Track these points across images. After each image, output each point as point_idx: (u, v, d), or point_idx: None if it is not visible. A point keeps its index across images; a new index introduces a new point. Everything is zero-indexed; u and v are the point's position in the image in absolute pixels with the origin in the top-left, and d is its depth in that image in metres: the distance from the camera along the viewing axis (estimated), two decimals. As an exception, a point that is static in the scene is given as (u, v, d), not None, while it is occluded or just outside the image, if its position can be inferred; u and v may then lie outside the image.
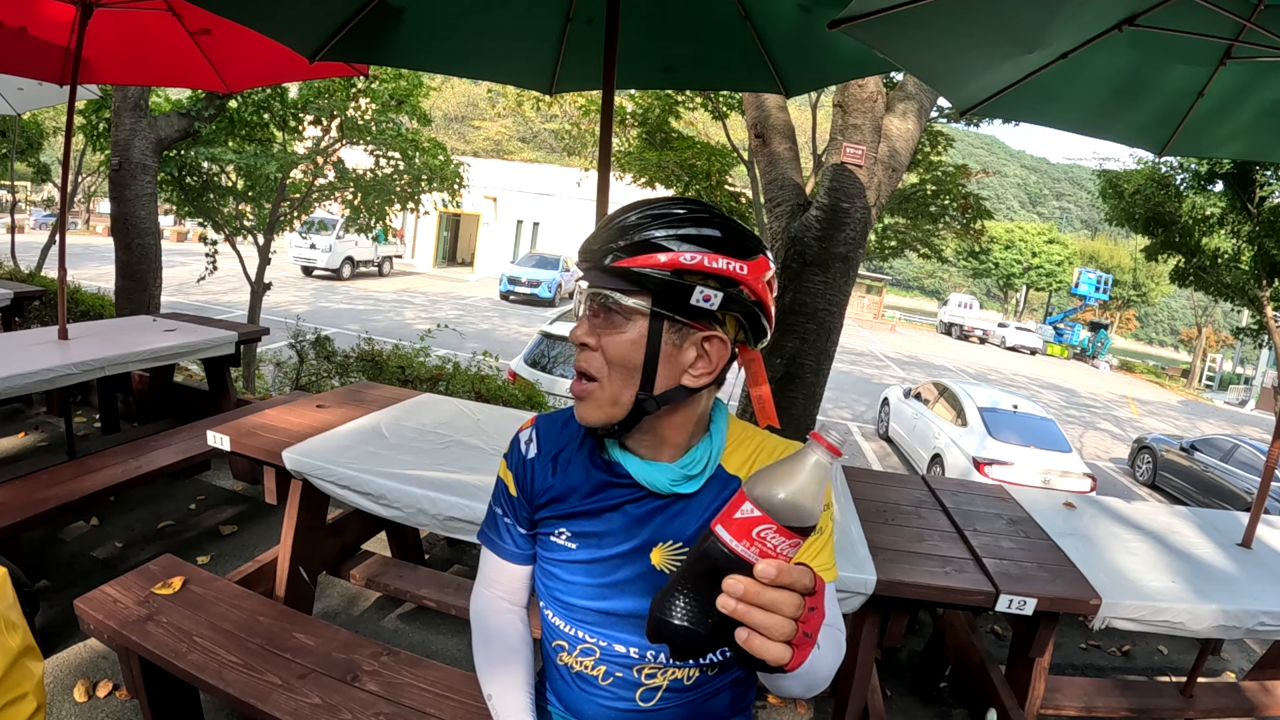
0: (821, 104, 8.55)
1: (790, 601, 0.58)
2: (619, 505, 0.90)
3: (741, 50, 2.29)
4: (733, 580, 0.57)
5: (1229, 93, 1.96)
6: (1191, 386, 27.53)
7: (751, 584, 0.57)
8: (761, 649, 0.57)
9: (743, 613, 0.57)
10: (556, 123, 17.23)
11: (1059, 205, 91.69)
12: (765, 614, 0.57)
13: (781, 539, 0.57)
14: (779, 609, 0.57)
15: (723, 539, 0.58)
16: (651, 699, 0.93)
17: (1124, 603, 1.76)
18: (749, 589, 0.57)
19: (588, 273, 0.84)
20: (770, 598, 0.57)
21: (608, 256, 0.81)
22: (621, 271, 0.80)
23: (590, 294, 0.84)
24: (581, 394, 0.85)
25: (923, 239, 11.77)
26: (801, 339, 3.43)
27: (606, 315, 0.82)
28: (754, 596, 0.57)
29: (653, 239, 0.79)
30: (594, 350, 0.83)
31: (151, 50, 3.10)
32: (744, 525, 0.57)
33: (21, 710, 0.99)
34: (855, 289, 12.43)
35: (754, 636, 0.57)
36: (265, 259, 6.29)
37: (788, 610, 0.57)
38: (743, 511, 0.58)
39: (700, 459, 0.88)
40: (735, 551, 0.57)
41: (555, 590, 0.96)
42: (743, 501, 0.58)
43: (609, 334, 0.82)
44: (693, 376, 0.83)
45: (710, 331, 0.82)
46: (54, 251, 8.46)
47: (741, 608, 0.57)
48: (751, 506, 0.57)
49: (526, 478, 0.96)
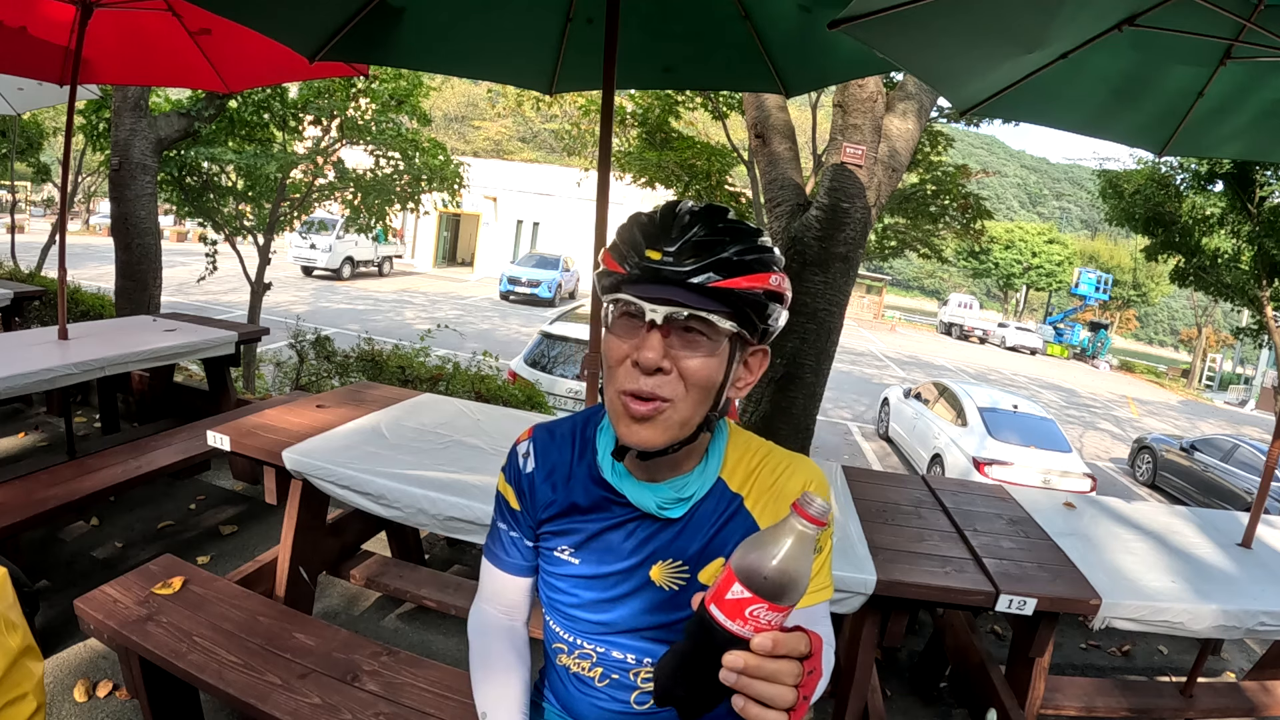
0: (821, 104, 8.55)
1: (790, 671, 0.59)
2: (620, 524, 0.90)
3: (741, 50, 2.29)
4: (732, 656, 0.58)
5: (1229, 93, 1.96)
6: (1191, 386, 27.53)
7: (751, 658, 0.58)
8: (760, 716, 0.58)
9: (744, 685, 0.58)
10: (556, 123, 17.24)
11: (1059, 205, 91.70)
12: (766, 685, 0.58)
13: (774, 614, 0.58)
14: (779, 679, 0.58)
15: (717, 619, 0.59)
16: (646, 702, 0.94)
17: (1124, 603, 1.76)
18: (749, 663, 0.58)
19: (664, 290, 0.76)
20: (771, 669, 0.58)
21: (700, 275, 0.74)
22: (721, 293, 0.75)
23: (671, 314, 0.75)
24: (649, 414, 0.78)
25: (923, 239, 11.78)
26: (801, 339, 3.43)
27: (685, 336, 0.77)
28: (754, 670, 0.58)
29: (753, 260, 0.75)
30: (668, 373, 0.77)
31: (151, 50, 3.10)
32: (736, 606, 0.58)
33: (21, 710, 0.99)
34: (855, 289, 12.45)
35: (750, 705, 0.58)
36: (265, 259, 6.29)
37: (788, 680, 0.58)
38: (733, 593, 0.58)
39: (693, 482, 0.87)
40: (730, 630, 0.59)
41: (557, 601, 0.96)
42: (732, 582, 0.59)
43: (691, 356, 0.77)
44: (736, 389, 0.84)
45: (759, 346, 0.83)
46: (54, 251, 8.46)
47: (743, 680, 0.58)
48: (741, 587, 0.58)
49: (527, 493, 0.96)
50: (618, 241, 0.82)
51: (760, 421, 3.52)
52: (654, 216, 0.80)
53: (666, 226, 0.77)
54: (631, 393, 0.78)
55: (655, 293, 0.76)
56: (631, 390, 0.78)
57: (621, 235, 0.82)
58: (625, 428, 0.80)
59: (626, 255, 0.79)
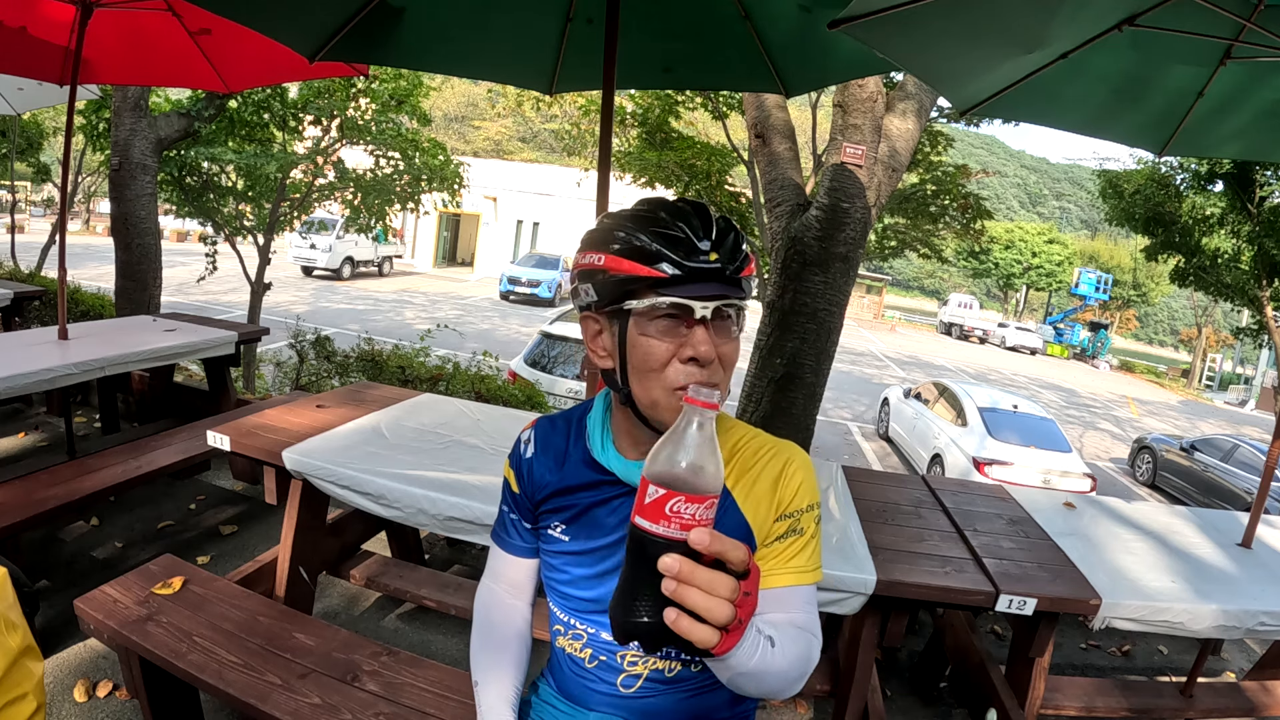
0: (821, 104, 8.54)
1: (725, 584, 0.58)
2: (608, 500, 0.94)
3: (741, 50, 2.29)
4: (668, 558, 0.58)
5: (1229, 93, 1.95)
6: (1191, 386, 27.53)
7: (686, 562, 0.58)
8: (689, 630, 0.58)
9: (680, 594, 0.58)
10: (556, 123, 17.23)
11: (1059, 205, 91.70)
12: (701, 594, 0.58)
13: (695, 505, 0.58)
14: (714, 589, 0.58)
15: (643, 527, 0.59)
16: (632, 686, 0.96)
17: (1124, 603, 1.76)
18: (684, 567, 0.58)
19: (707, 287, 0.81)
20: (705, 578, 0.58)
21: (737, 269, 0.82)
22: (744, 281, 0.84)
23: (721, 307, 0.81)
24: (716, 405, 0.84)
25: (923, 239, 11.75)
26: (801, 339, 3.43)
27: (720, 325, 0.82)
28: (688, 576, 0.58)
29: (748, 247, 0.84)
30: (714, 361, 0.82)
31: (151, 50, 3.10)
32: (656, 507, 0.59)
33: (21, 710, 0.99)
34: (855, 289, 12.43)
35: (682, 617, 0.58)
36: (265, 259, 6.29)
37: (723, 592, 0.58)
38: (649, 495, 0.59)
39: None
40: (659, 535, 0.59)
41: (553, 580, 1.01)
42: (646, 486, 0.59)
43: (729, 342, 0.83)
44: None
45: None
46: (54, 251, 8.46)
47: (680, 589, 0.58)
48: (655, 488, 0.59)
49: (526, 475, 1.01)
50: (630, 245, 0.80)
51: (760, 421, 3.52)
52: (660, 217, 0.80)
53: (685, 225, 0.80)
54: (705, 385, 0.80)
55: (701, 290, 0.80)
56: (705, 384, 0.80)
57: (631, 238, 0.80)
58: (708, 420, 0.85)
59: (657, 257, 0.79)
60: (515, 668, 1.04)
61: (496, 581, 1.09)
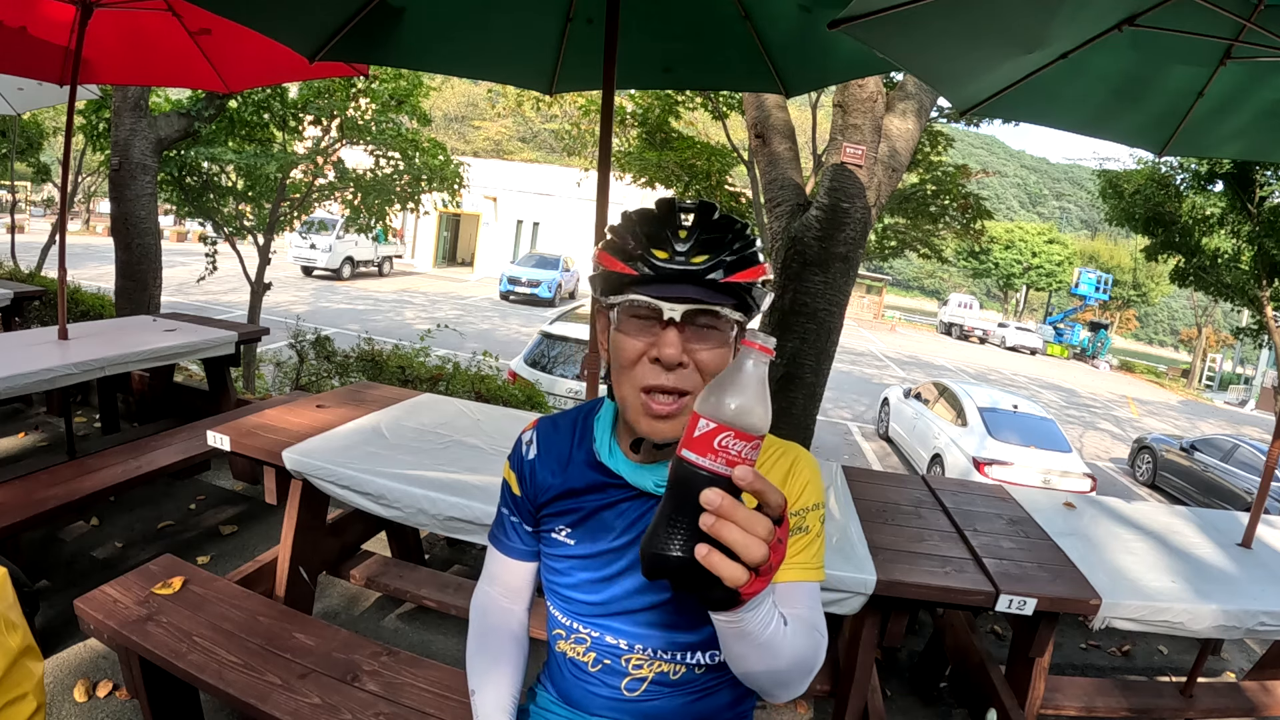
0: (821, 104, 8.54)
1: (763, 524, 0.58)
2: (614, 504, 0.93)
3: (741, 50, 2.29)
4: (710, 492, 0.58)
5: (1229, 93, 1.96)
6: (1191, 386, 27.53)
7: (728, 497, 0.58)
8: (719, 565, 0.57)
9: (718, 529, 0.57)
10: (556, 123, 17.23)
11: (1059, 205, 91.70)
12: (739, 531, 0.57)
13: (742, 443, 0.60)
14: (752, 528, 0.58)
15: (690, 460, 0.60)
16: (636, 689, 0.95)
17: (1124, 603, 1.76)
18: (725, 502, 0.58)
19: (680, 289, 0.79)
20: (744, 515, 0.58)
21: (714, 272, 0.79)
22: (730, 287, 0.80)
23: (691, 311, 0.79)
24: (675, 412, 0.82)
25: (923, 239, 11.77)
26: (801, 339, 3.43)
27: (699, 330, 0.81)
28: (729, 511, 0.58)
29: (752, 253, 0.81)
30: (686, 367, 0.81)
31: (151, 50, 3.10)
32: (705, 440, 0.60)
33: (21, 710, 0.99)
34: (855, 289, 12.44)
35: (714, 553, 0.58)
36: (265, 259, 6.29)
37: (760, 531, 0.58)
38: (700, 428, 0.60)
39: None
40: (705, 468, 0.60)
41: (555, 584, 0.99)
42: (698, 420, 0.60)
43: (707, 349, 0.81)
44: None
45: None
46: (54, 251, 8.46)
47: (718, 523, 0.58)
48: (707, 421, 0.60)
49: (528, 477, 0.99)
50: (619, 242, 0.83)
51: (760, 421, 3.51)
52: (655, 215, 0.82)
53: (672, 225, 0.80)
54: (654, 388, 0.82)
55: (672, 292, 0.79)
56: (654, 385, 0.81)
57: (623, 235, 0.83)
58: (648, 423, 0.83)
59: (634, 255, 0.81)
60: (512, 675, 1.01)
61: (493, 585, 1.07)
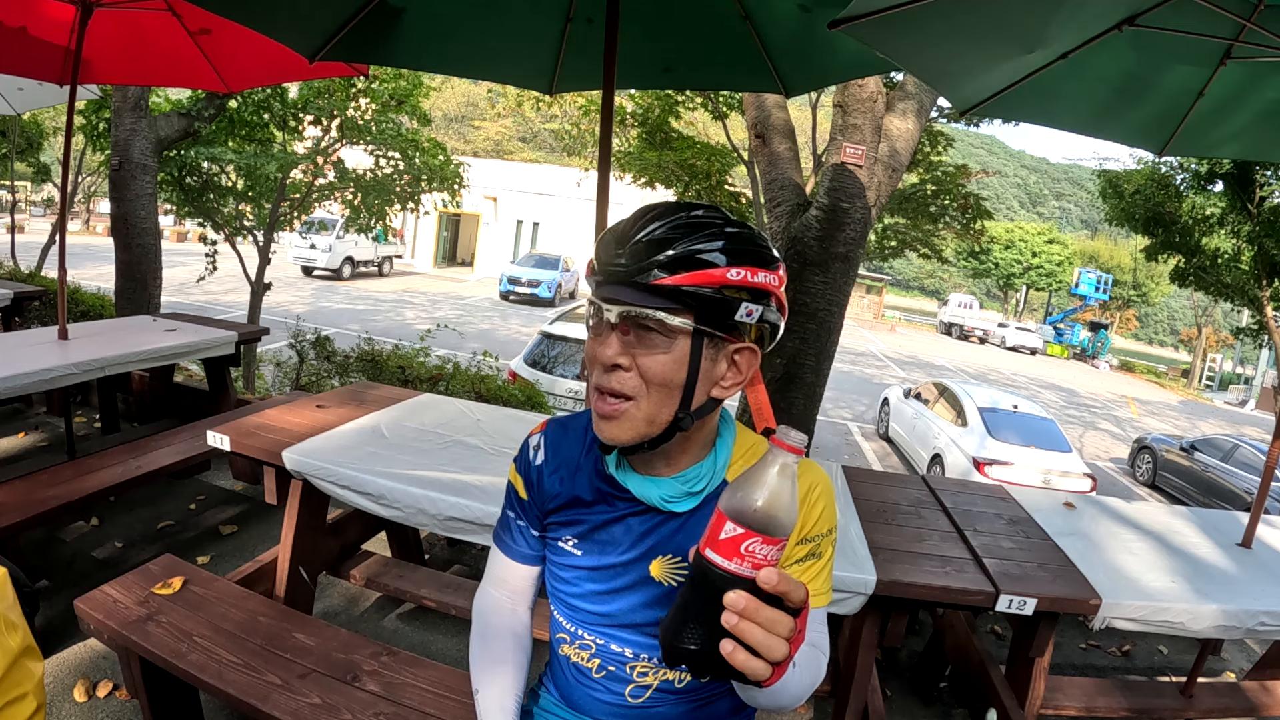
0: (821, 104, 8.54)
1: (785, 623, 0.60)
2: (622, 517, 0.91)
3: (742, 50, 2.29)
4: (734, 595, 0.59)
5: (1229, 93, 1.96)
6: (1191, 386, 27.52)
7: (752, 600, 0.59)
8: (745, 664, 0.59)
9: (742, 629, 0.59)
10: (556, 123, 17.21)
11: (1059, 205, 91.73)
12: (762, 632, 0.59)
13: (769, 548, 0.60)
14: (774, 628, 0.59)
15: (715, 562, 0.60)
16: (641, 696, 0.95)
17: (1124, 603, 1.76)
18: (749, 605, 0.59)
19: (617, 290, 0.77)
20: (768, 616, 0.59)
21: (645, 274, 0.75)
22: (666, 290, 0.75)
23: (623, 313, 0.77)
24: (613, 414, 0.80)
25: (923, 239, 11.76)
26: (801, 339, 3.43)
27: (642, 334, 0.77)
28: (753, 613, 0.59)
29: (698, 254, 0.74)
30: (627, 370, 0.78)
31: (151, 50, 3.09)
32: (731, 545, 0.59)
33: (21, 710, 0.99)
34: (855, 289, 12.43)
35: (739, 650, 0.59)
36: (265, 259, 6.29)
37: (782, 631, 0.60)
38: (726, 532, 0.60)
39: (704, 475, 0.87)
40: (729, 571, 0.60)
41: (560, 591, 0.98)
42: (724, 522, 0.60)
43: (648, 354, 0.77)
44: (722, 388, 0.83)
45: (742, 343, 0.82)
46: (54, 251, 8.46)
47: (742, 624, 0.59)
48: (733, 525, 0.59)
49: (535, 483, 0.98)
50: (598, 242, 0.84)
51: (760, 421, 3.52)
52: (628, 219, 0.81)
53: (631, 227, 0.78)
54: (597, 387, 0.82)
55: (610, 294, 0.78)
56: (596, 384, 0.81)
57: (609, 234, 0.83)
58: (596, 424, 0.83)
59: (596, 257, 0.81)
60: (516, 677, 1.00)
61: (497, 587, 1.05)
